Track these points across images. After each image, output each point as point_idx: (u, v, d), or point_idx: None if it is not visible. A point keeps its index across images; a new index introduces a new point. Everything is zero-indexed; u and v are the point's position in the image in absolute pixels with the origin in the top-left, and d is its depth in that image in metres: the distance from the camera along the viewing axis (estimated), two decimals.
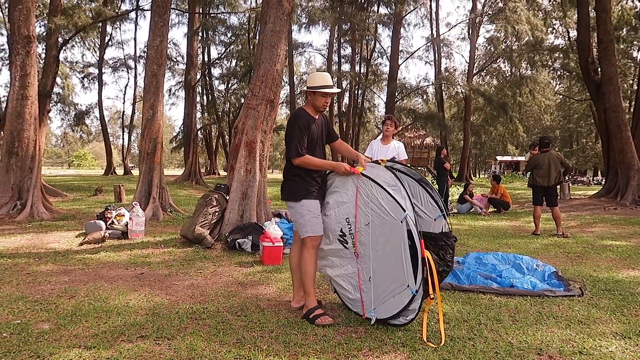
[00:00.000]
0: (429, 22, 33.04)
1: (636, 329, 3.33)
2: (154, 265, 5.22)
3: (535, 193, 8.45)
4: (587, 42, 17.30)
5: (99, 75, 32.34)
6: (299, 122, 3.49)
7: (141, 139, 9.55)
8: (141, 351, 2.85)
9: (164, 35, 9.41)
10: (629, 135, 14.86)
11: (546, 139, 8.58)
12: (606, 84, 15.28)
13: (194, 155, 22.34)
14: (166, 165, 73.72)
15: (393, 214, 3.12)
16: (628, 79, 33.05)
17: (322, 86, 3.55)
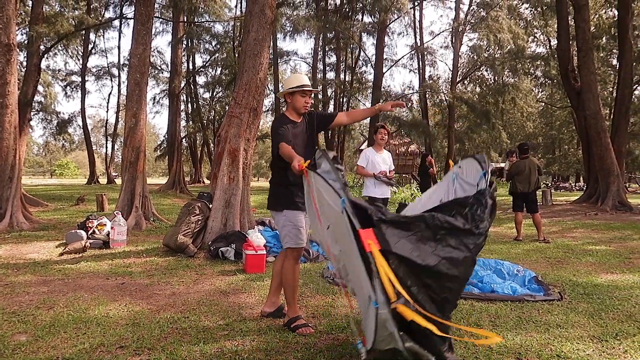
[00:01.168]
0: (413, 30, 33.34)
1: (613, 332, 3.38)
2: (136, 274, 5.16)
3: (516, 199, 8.57)
4: (567, 51, 17.64)
5: (82, 84, 32.00)
6: (279, 125, 3.46)
7: (124, 148, 9.47)
8: None
9: (147, 44, 9.37)
10: (608, 142, 15.15)
11: (525, 145, 8.72)
12: (586, 91, 15.58)
13: (178, 163, 22.20)
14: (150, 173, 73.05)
15: (335, 205, 2.50)
16: (608, 87, 33.78)
17: (299, 85, 3.50)
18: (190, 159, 36.91)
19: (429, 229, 2.38)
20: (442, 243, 2.38)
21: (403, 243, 2.30)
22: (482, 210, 2.55)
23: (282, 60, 31.49)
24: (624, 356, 2.96)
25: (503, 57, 30.64)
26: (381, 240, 2.25)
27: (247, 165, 7.14)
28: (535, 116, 46.66)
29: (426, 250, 2.33)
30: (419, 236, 2.35)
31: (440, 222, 2.40)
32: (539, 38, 35.39)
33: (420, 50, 31.43)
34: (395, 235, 2.30)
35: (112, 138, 36.75)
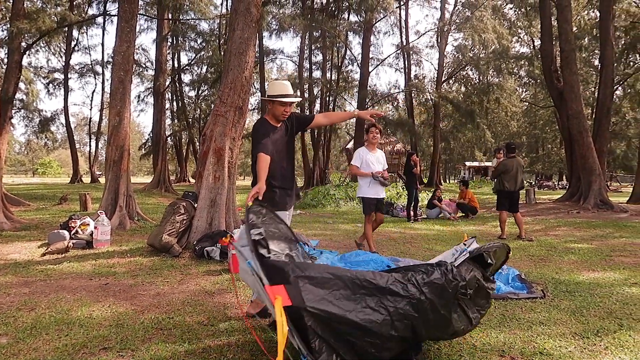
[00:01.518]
0: (399, 30, 33.53)
1: (594, 329, 3.44)
2: (120, 275, 5.11)
3: (502, 198, 8.64)
4: (550, 51, 17.89)
5: (65, 81, 31.53)
6: (261, 132, 3.55)
7: (107, 146, 9.36)
8: None
9: (131, 41, 9.27)
10: (590, 141, 15.39)
11: (512, 145, 8.82)
12: (568, 91, 15.81)
13: (163, 162, 22.01)
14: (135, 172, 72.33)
15: (247, 269, 2.51)
16: (590, 87, 34.31)
17: (280, 95, 3.54)
18: (175, 158, 36.64)
19: (348, 287, 2.38)
20: (361, 303, 2.38)
21: (321, 301, 2.29)
22: (422, 278, 2.52)
23: (268, 58, 31.42)
24: (604, 353, 3.01)
25: (488, 57, 30.96)
26: (295, 296, 2.25)
27: (232, 164, 7.10)
28: (519, 115, 47.25)
29: (344, 308, 2.33)
30: (337, 294, 2.35)
31: (360, 281, 2.41)
32: (523, 38, 35.82)
33: (406, 50, 31.59)
34: (312, 292, 2.30)
35: (95, 136, 36.27)
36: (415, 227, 10.31)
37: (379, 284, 2.43)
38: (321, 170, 29.75)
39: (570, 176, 18.03)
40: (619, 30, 23.88)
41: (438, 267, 2.59)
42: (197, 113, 33.40)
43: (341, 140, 45.29)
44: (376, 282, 2.43)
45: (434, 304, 2.50)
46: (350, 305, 2.36)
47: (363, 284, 2.40)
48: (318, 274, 2.38)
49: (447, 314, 2.56)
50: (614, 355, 2.97)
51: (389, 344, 2.46)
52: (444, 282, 2.53)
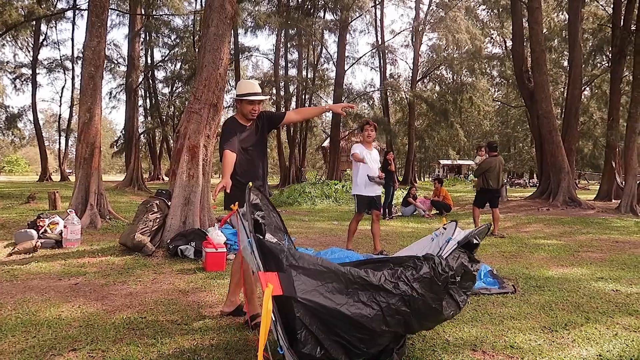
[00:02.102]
0: (374, 29, 33.73)
1: (562, 323, 3.53)
2: (90, 274, 5.00)
3: (483, 195, 8.73)
4: (521, 52, 18.24)
5: (33, 77, 30.65)
6: (226, 128, 3.58)
7: (78, 144, 9.13)
8: None
9: (102, 36, 9.06)
10: (559, 140, 15.77)
11: (494, 144, 9.03)
12: (538, 91, 16.15)
13: (136, 160, 21.62)
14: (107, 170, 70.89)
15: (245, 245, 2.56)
16: (559, 87, 35.17)
17: (246, 94, 3.55)
18: (149, 156, 36.06)
19: (341, 281, 2.37)
20: (353, 297, 2.37)
21: (312, 293, 2.28)
22: (412, 274, 2.50)
23: (243, 56, 31.16)
24: (572, 345, 3.09)
25: (461, 56, 31.41)
26: (287, 286, 2.24)
27: (207, 162, 7.03)
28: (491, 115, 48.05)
29: (336, 301, 2.32)
30: (329, 287, 2.34)
31: (353, 277, 2.40)
32: (495, 39, 36.45)
33: (381, 49, 31.80)
34: (304, 283, 2.30)
35: (65, 133, 35.35)
36: (390, 224, 10.39)
37: (372, 281, 2.41)
38: (297, 169, 29.72)
39: (540, 174, 18.45)
40: (587, 32, 24.56)
41: (426, 261, 2.57)
42: (171, 110, 32.94)
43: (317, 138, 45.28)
44: (369, 280, 2.41)
45: (425, 298, 2.49)
46: (342, 298, 2.34)
47: (356, 279, 2.39)
48: (312, 266, 2.36)
49: (439, 306, 2.56)
50: (581, 347, 3.05)
51: (379, 340, 2.47)
52: (433, 275, 2.52)
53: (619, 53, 18.37)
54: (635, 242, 7.90)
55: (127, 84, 24.22)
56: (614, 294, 4.40)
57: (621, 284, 4.80)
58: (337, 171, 26.60)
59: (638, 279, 5.04)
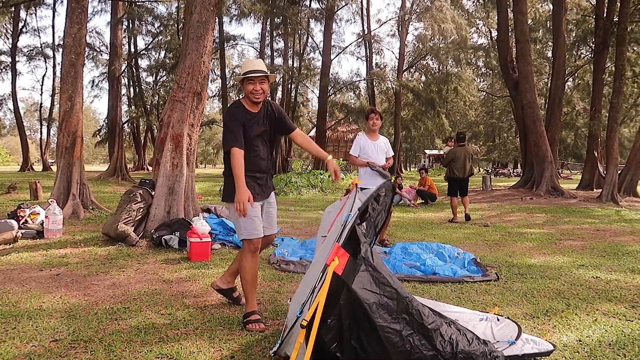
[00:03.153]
0: (360, 18, 33.56)
1: (544, 309, 3.58)
2: (72, 265, 4.93)
3: (452, 184, 9.05)
4: (506, 42, 18.34)
5: (12, 64, 29.99)
6: (231, 115, 3.26)
7: (59, 133, 8.97)
8: (54, 355, 2.69)
9: (83, 23, 8.87)
10: (543, 130, 15.95)
11: (462, 134, 9.25)
12: (523, 81, 16.28)
13: (119, 149, 21.35)
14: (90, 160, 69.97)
15: (346, 212, 2.63)
16: (543, 77, 35.47)
17: (245, 72, 3.23)
18: (133, 146, 35.62)
19: (398, 304, 2.29)
20: (396, 324, 2.28)
21: (366, 292, 2.25)
22: (463, 346, 2.36)
23: (228, 44, 30.83)
24: (552, 331, 3.14)
25: (447, 46, 31.46)
26: (349, 272, 2.23)
27: (191, 152, 6.95)
28: (477, 105, 48.35)
29: (379, 317, 2.24)
30: (383, 301, 2.28)
31: (411, 307, 2.31)
32: (481, 29, 36.57)
33: (367, 38, 31.69)
34: (366, 280, 2.26)
35: (47, 122, 34.73)
36: None
37: (425, 322, 2.32)
38: (283, 158, 29.63)
39: (524, 164, 18.66)
40: (571, 23, 24.75)
41: (484, 345, 2.43)
42: (156, 99, 32.50)
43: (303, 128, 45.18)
44: (423, 320, 2.32)
45: None
46: (386, 318, 2.26)
47: (411, 311, 2.30)
48: (382, 273, 2.32)
49: None
50: (562, 333, 3.10)
51: None
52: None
53: (601, 44, 18.56)
54: (615, 231, 8.04)
55: (110, 72, 23.82)
56: (594, 281, 4.48)
57: (601, 271, 4.88)
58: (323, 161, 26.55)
59: (618, 266, 5.14)
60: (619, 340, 2.97)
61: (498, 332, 2.85)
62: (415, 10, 31.86)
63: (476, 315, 3.09)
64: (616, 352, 2.80)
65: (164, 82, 31.30)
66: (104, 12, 27.58)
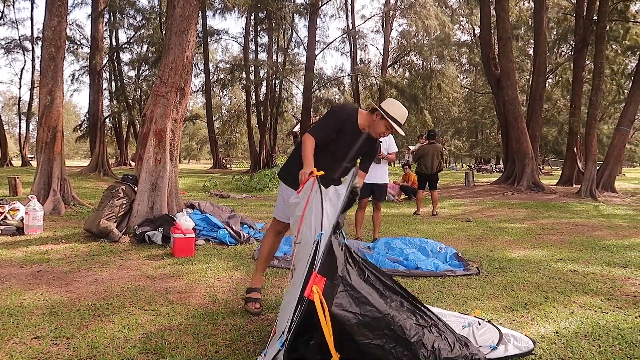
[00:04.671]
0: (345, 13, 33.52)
1: (522, 302, 3.66)
2: (53, 261, 4.88)
3: (420, 179, 9.50)
4: (488, 39, 18.53)
5: None
6: (335, 115, 3.26)
7: (39, 128, 8.82)
8: (36, 352, 2.67)
9: (63, 15, 8.72)
10: (524, 126, 16.19)
11: (432, 132, 9.64)
12: (504, 78, 16.49)
13: (101, 144, 21.03)
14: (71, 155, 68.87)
15: (313, 229, 2.47)
16: (525, 74, 35.93)
17: (394, 119, 3.18)
18: (115, 141, 35.16)
19: (380, 321, 2.26)
20: (378, 340, 2.25)
21: (346, 313, 2.20)
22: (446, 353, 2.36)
23: (212, 39, 30.60)
24: (531, 323, 3.22)
25: (431, 43, 31.64)
26: (326, 295, 2.16)
27: (174, 147, 6.91)
28: (460, 101, 48.75)
29: (360, 334, 2.22)
30: (364, 320, 2.23)
31: (393, 323, 2.28)
32: (464, 26, 36.85)
33: (351, 34, 31.67)
34: (345, 303, 2.21)
35: (26, 117, 34.07)
36: None
37: (407, 337, 2.29)
38: (268, 154, 29.54)
39: (505, 160, 18.92)
40: (552, 21, 25.10)
41: (465, 348, 2.44)
42: (138, 94, 32.11)
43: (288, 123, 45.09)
44: (405, 335, 2.29)
45: None
46: (367, 334, 2.23)
47: (393, 327, 2.27)
48: (361, 291, 2.27)
49: None
50: (539, 325, 3.18)
51: None
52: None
53: (581, 42, 18.88)
54: (593, 225, 8.22)
55: (91, 66, 23.46)
56: (571, 274, 4.58)
57: (579, 265, 5.00)
58: None
59: (594, 260, 5.27)
60: (594, 332, 3.06)
61: (480, 337, 2.88)
62: (399, 7, 31.96)
63: (458, 321, 3.13)
64: (591, 343, 2.88)
65: (147, 76, 30.92)
66: (84, 5, 27.13)
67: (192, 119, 35.63)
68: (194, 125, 49.60)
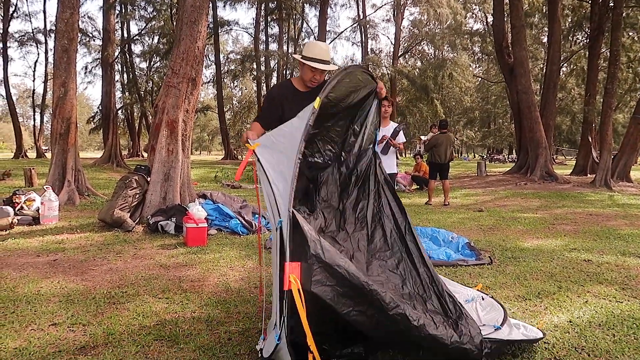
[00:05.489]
0: (355, 2, 33.29)
1: (536, 292, 3.64)
2: (69, 250, 4.95)
3: (432, 169, 9.48)
4: (501, 27, 18.26)
5: (4, 50, 29.61)
6: (270, 94, 3.19)
7: (53, 119, 8.92)
8: (53, 339, 2.72)
9: (75, 7, 8.77)
10: (537, 116, 15.99)
11: (444, 122, 9.60)
12: (518, 67, 16.26)
13: (114, 136, 21.24)
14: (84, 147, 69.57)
15: (272, 215, 2.33)
16: (539, 63, 35.42)
17: (312, 58, 2.97)
18: (127, 132, 35.42)
19: (356, 290, 2.18)
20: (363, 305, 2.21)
21: (324, 288, 2.12)
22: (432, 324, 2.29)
23: (222, 30, 30.59)
24: (544, 313, 3.20)
25: (442, 32, 31.30)
26: (304, 277, 2.10)
27: (186, 137, 6.95)
28: (472, 91, 48.29)
29: (342, 304, 2.17)
30: (342, 290, 2.17)
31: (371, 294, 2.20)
32: (477, 14, 36.37)
33: (362, 23, 31.46)
34: (322, 279, 2.14)
35: (40, 109, 34.42)
36: None
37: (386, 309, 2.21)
38: None
39: (518, 149, 18.72)
40: (567, 8, 24.65)
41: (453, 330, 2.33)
42: (150, 85, 32.28)
43: None
44: (383, 307, 2.21)
45: None
46: (348, 302, 2.18)
47: (370, 299, 2.21)
48: (335, 267, 2.17)
49: None
50: (552, 314, 3.16)
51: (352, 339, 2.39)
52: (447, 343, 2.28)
53: (597, 29, 18.53)
54: (608, 215, 8.13)
55: (103, 58, 23.59)
56: (585, 264, 4.54)
57: (593, 254, 4.95)
58: None
59: (609, 250, 5.21)
60: (608, 321, 3.04)
61: (485, 315, 2.85)
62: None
63: (462, 293, 3.11)
64: (605, 332, 2.86)
65: (158, 68, 31.07)
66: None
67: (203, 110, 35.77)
68: (205, 116, 49.75)
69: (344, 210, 2.77)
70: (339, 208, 2.78)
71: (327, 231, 2.63)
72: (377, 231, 2.72)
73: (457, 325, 2.39)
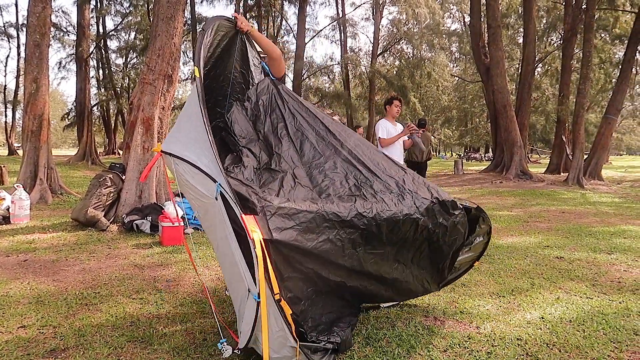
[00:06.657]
0: (335, 1, 33.28)
1: (509, 289, 3.70)
2: (40, 251, 4.84)
3: (410, 167, 9.48)
4: (478, 27, 18.52)
5: None
6: None
7: (24, 116, 8.69)
8: (22, 341, 2.66)
9: (47, 2, 8.55)
10: (513, 115, 16.26)
11: (423, 120, 9.65)
12: (494, 67, 16.51)
13: (89, 133, 20.82)
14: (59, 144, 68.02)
15: (207, 192, 2.27)
16: (514, 63, 35.99)
17: None
18: (102, 129, 34.78)
19: (314, 220, 2.29)
20: (323, 234, 2.30)
21: (285, 232, 2.17)
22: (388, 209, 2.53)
23: (200, 26, 30.21)
24: (517, 309, 3.25)
25: (421, 31, 31.55)
26: (262, 227, 2.12)
27: (162, 135, 6.84)
28: (449, 90, 48.76)
29: (306, 240, 2.24)
30: (303, 227, 2.24)
31: (327, 214, 2.34)
32: (455, 14, 36.77)
33: (341, 22, 31.50)
34: (279, 224, 2.18)
35: (12, 105, 33.54)
36: None
37: (343, 218, 2.37)
38: None
39: (494, 148, 19.02)
40: (542, 10, 25.11)
41: (400, 201, 2.62)
42: (126, 82, 31.70)
43: None
44: (341, 218, 2.37)
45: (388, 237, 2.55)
46: (311, 237, 2.26)
47: (328, 217, 2.33)
48: (286, 206, 2.26)
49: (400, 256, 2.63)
50: (526, 311, 3.22)
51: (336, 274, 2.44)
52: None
53: (570, 31, 18.92)
54: (580, 213, 8.31)
55: (77, 53, 23.08)
56: (558, 261, 4.64)
57: (565, 252, 5.06)
58: None
59: (580, 247, 5.33)
60: (579, 317, 3.10)
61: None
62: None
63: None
64: (576, 328, 2.92)
65: (134, 64, 30.52)
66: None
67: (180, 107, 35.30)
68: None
69: (266, 137, 2.80)
70: (259, 139, 2.81)
71: (262, 165, 2.65)
72: (304, 144, 2.79)
73: (402, 197, 2.64)
